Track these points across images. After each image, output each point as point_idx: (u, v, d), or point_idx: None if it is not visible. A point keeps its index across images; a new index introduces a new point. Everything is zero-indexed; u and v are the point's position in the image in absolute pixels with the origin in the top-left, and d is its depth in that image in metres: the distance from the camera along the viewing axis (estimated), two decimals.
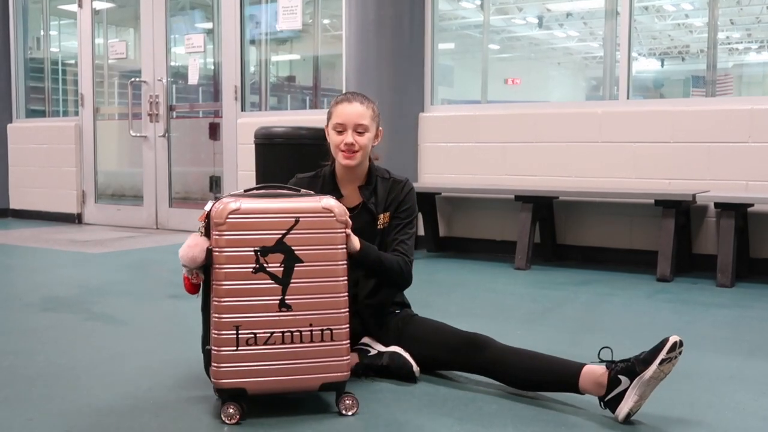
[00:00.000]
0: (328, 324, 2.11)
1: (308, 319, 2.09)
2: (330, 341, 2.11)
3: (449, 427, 2.08)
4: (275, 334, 2.08)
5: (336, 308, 2.12)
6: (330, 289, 2.12)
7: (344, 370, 2.13)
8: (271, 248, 2.08)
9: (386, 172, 2.61)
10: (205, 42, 6.98)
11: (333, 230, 2.13)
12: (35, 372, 2.61)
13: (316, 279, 2.11)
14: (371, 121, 2.50)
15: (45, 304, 3.81)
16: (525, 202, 4.97)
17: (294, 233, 2.09)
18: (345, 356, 2.14)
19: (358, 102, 2.49)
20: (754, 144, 4.63)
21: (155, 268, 5.16)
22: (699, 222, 4.81)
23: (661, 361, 2.01)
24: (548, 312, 3.69)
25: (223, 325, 2.07)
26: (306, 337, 2.09)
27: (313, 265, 2.11)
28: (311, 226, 2.11)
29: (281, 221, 2.09)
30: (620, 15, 5.22)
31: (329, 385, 2.12)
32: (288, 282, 2.09)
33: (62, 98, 8.69)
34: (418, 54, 5.78)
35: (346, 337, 2.14)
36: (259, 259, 2.08)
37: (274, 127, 4.98)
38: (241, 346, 2.06)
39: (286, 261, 2.09)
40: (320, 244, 2.11)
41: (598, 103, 5.68)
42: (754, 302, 3.90)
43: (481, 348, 2.36)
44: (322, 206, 2.13)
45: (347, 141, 2.44)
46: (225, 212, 2.07)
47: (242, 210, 2.08)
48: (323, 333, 2.10)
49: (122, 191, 8.05)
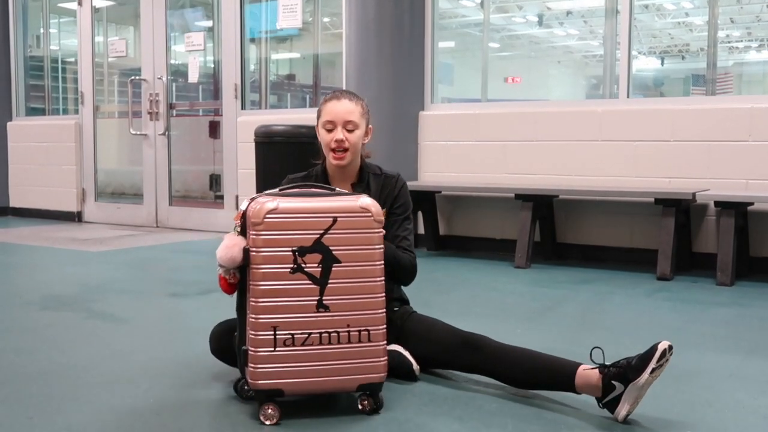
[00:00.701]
0: (366, 325, 2.09)
1: (346, 320, 2.08)
2: (367, 342, 2.09)
3: (449, 425, 2.08)
4: (313, 335, 2.06)
5: (373, 309, 2.10)
6: (367, 290, 2.10)
7: (381, 371, 2.12)
8: (309, 248, 2.06)
9: (377, 168, 2.61)
10: (205, 40, 6.98)
11: (370, 230, 2.10)
12: (35, 370, 2.61)
13: (353, 279, 2.09)
14: (361, 118, 2.48)
15: (45, 303, 3.81)
16: (525, 201, 4.97)
17: (332, 233, 2.07)
18: (382, 357, 2.12)
19: (347, 99, 2.48)
20: (754, 142, 4.63)
21: (155, 266, 5.16)
22: (699, 220, 4.81)
23: (652, 369, 2.03)
24: (548, 311, 3.69)
25: (260, 326, 2.05)
26: (343, 338, 2.08)
27: (350, 266, 2.08)
28: (349, 226, 2.09)
29: (319, 221, 2.07)
30: (620, 13, 5.22)
31: (366, 386, 2.11)
32: (326, 282, 2.07)
33: (62, 96, 8.68)
34: (418, 52, 5.78)
35: (383, 338, 2.12)
36: (297, 259, 2.06)
37: (274, 126, 4.98)
38: (278, 347, 2.05)
39: (324, 261, 2.07)
40: (358, 244, 2.09)
41: (598, 101, 5.68)
42: (754, 301, 3.90)
43: (477, 347, 2.36)
44: (359, 206, 2.10)
45: (337, 138, 2.43)
46: (262, 212, 2.05)
47: (280, 210, 2.06)
48: (360, 334, 2.09)
49: (122, 189, 8.05)
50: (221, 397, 2.32)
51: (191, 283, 4.35)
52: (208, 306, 3.76)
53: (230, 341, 2.43)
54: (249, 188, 6.36)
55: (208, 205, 7.30)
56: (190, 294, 4.05)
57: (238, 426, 2.08)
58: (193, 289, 4.16)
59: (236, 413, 2.17)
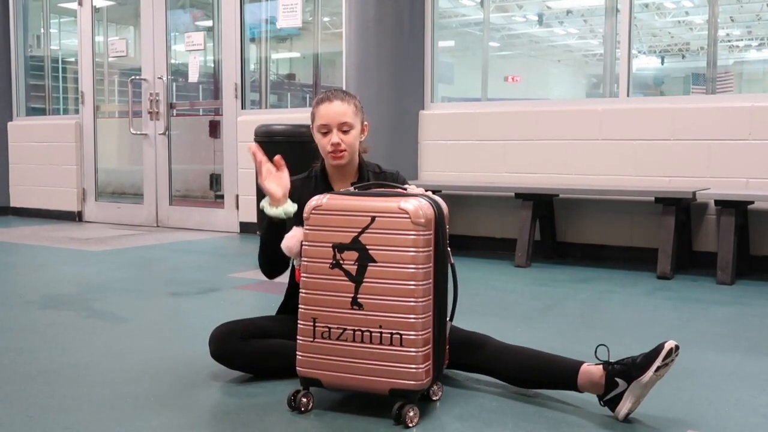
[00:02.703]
0: (398, 328, 2.04)
1: (378, 320, 2.06)
2: (399, 346, 2.03)
3: (450, 424, 2.08)
4: (347, 331, 2.08)
5: (405, 313, 2.03)
6: (402, 293, 2.04)
7: (416, 379, 2.03)
8: (347, 245, 2.09)
9: (377, 166, 2.60)
10: (205, 39, 6.98)
11: (407, 232, 2.06)
12: (36, 369, 2.61)
13: (387, 280, 2.06)
14: (354, 117, 2.45)
15: (45, 302, 3.81)
16: (525, 200, 4.97)
17: (369, 232, 2.08)
18: (419, 364, 2.03)
19: (338, 100, 2.43)
20: (755, 141, 4.63)
21: (155, 265, 5.16)
22: (699, 219, 4.81)
23: (657, 368, 2.02)
24: (548, 309, 3.69)
25: (304, 315, 2.14)
26: (375, 338, 2.06)
27: (385, 266, 2.06)
28: (386, 227, 2.07)
29: (358, 219, 2.08)
30: (620, 12, 5.22)
31: (399, 391, 2.05)
32: (361, 280, 2.08)
33: (62, 96, 8.69)
34: (418, 51, 5.78)
35: (421, 345, 2.03)
36: (336, 255, 2.10)
37: (274, 125, 4.98)
38: (317, 338, 2.11)
39: (360, 259, 2.08)
40: (394, 245, 2.06)
41: (598, 100, 5.68)
42: (754, 299, 3.90)
43: (479, 347, 2.36)
44: (398, 207, 2.07)
45: (333, 141, 2.41)
46: (310, 207, 2.14)
47: (324, 206, 2.12)
48: (392, 337, 2.05)
49: (122, 189, 8.06)
50: (221, 397, 2.32)
51: (191, 283, 4.35)
52: (208, 305, 3.77)
53: (230, 344, 2.43)
54: (249, 188, 6.37)
55: (209, 204, 7.31)
56: (191, 293, 4.06)
57: (237, 425, 2.08)
58: (194, 289, 4.17)
59: (236, 413, 2.17)
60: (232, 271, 4.70)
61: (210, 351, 2.45)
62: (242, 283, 4.33)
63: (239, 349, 2.42)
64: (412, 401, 2.07)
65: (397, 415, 2.04)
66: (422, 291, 2.06)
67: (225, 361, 2.45)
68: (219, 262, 5.31)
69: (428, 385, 2.10)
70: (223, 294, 4.06)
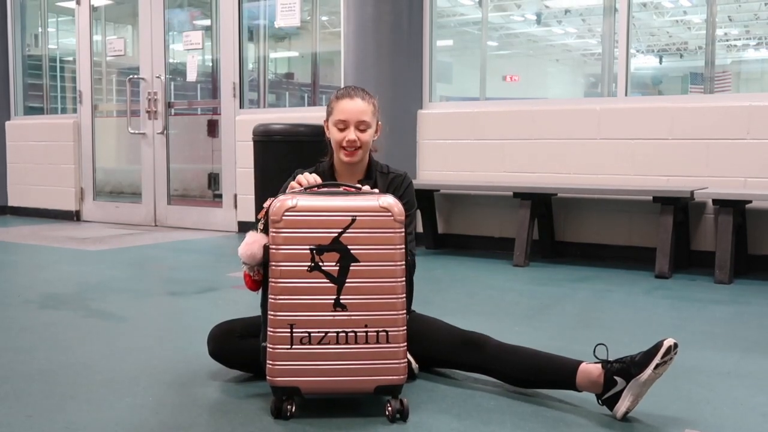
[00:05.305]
0: (384, 326, 2.06)
1: (363, 320, 2.06)
2: (386, 343, 2.06)
3: (448, 423, 2.09)
4: (329, 334, 2.05)
5: (392, 310, 2.07)
6: (387, 291, 2.07)
7: (400, 374, 2.08)
8: (327, 247, 2.05)
9: (386, 167, 2.60)
10: (204, 39, 6.98)
11: (391, 230, 2.08)
12: (34, 369, 2.61)
13: (372, 279, 2.06)
14: (372, 117, 2.46)
15: (44, 301, 3.81)
16: (523, 199, 4.97)
17: (350, 232, 2.06)
18: (402, 359, 2.08)
19: (359, 98, 2.44)
20: (753, 140, 4.63)
21: (154, 265, 5.16)
22: (697, 218, 4.81)
23: (656, 365, 2.02)
24: (547, 309, 3.69)
25: (278, 323, 2.05)
26: (361, 338, 2.06)
27: (369, 265, 2.06)
28: (368, 226, 2.06)
29: (337, 220, 2.06)
30: (618, 12, 5.22)
31: (384, 388, 2.08)
32: (343, 281, 2.06)
33: (60, 95, 8.68)
34: (417, 51, 5.78)
35: (403, 340, 2.08)
36: (315, 258, 2.05)
37: (272, 125, 4.98)
38: (295, 345, 2.05)
39: (342, 260, 2.06)
40: (377, 244, 2.07)
41: (596, 99, 5.69)
42: (752, 298, 3.90)
43: (478, 347, 2.36)
44: (379, 205, 2.08)
45: (350, 138, 2.40)
46: (282, 209, 2.06)
47: (299, 207, 2.06)
48: (378, 335, 2.06)
49: (121, 188, 8.05)
50: (220, 396, 2.32)
51: (190, 282, 4.35)
52: (206, 305, 3.77)
53: (228, 343, 2.43)
54: (247, 187, 6.36)
55: (207, 203, 7.30)
56: (189, 293, 4.05)
57: (236, 424, 2.08)
58: (192, 288, 4.16)
59: (235, 411, 2.17)
60: (230, 270, 4.69)
61: (208, 350, 2.46)
62: (240, 282, 4.31)
63: (237, 348, 2.42)
64: (397, 395, 2.09)
65: (396, 411, 2.06)
66: (401, 287, 2.09)
67: (223, 360, 2.45)
68: (217, 261, 5.31)
69: (406, 378, 2.13)
70: (221, 293, 4.06)
